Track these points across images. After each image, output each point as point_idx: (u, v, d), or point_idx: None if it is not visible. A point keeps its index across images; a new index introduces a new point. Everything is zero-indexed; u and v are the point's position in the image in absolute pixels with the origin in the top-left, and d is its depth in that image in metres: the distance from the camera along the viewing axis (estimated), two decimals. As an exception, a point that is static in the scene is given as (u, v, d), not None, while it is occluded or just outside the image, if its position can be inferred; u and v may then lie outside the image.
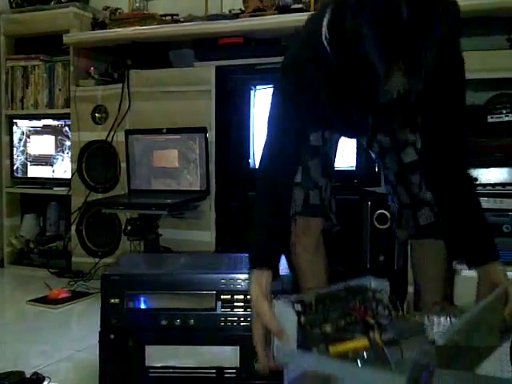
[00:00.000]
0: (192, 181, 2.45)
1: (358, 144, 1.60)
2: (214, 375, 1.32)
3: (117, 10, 2.82)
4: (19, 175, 3.03)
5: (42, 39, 2.90)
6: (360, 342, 0.92)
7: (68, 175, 2.84)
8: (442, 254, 1.55)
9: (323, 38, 1.04)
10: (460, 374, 1.52)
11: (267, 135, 1.23)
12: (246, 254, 1.64)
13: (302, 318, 0.98)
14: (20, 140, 3.02)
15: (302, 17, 1.66)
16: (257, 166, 2.41)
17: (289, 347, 0.97)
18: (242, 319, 1.32)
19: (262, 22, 2.32)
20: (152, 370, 1.33)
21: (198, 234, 2.45)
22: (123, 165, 2.61)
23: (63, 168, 2.92)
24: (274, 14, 2.35)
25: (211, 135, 2.43)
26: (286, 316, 0.99)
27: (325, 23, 1.04)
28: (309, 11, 2.27)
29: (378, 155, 1.56)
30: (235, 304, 1.32)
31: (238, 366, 1.32)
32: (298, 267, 1.53)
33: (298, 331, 0.97)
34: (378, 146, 1.54)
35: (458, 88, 1.26)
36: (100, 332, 1.33)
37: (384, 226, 2.13)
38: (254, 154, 2.44)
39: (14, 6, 2.96)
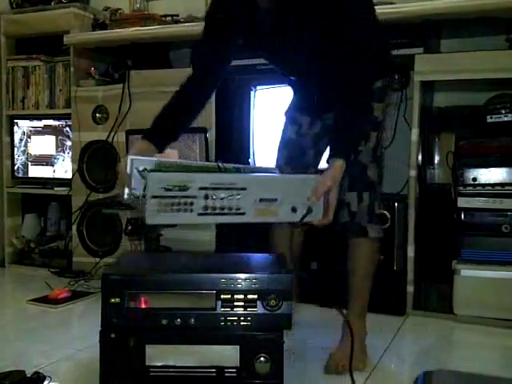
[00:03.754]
0: (192, 181, 2.46)
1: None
2: (214, 374, 1.32)
3: (117, 10, 2.82)
4: (20, 175, 3.04)
5: (43, 40, 2.91)
6: None
7: (69, 175, 2.85)
8: (369, 251, 1.66)
9: None
10: (460, 374, 1.52)
11: None
12: (247, 254, 1.65)
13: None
14: (21, 140, 3.02)
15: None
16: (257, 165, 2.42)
17: (129, 190, 1.32)
18: (242, 319, 1.32)
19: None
20: (152, 369, 1.33)
21: (198, 234, 2.45)
22: (124, 165, 2.61)
23: (64, 168, 2.93)
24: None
25: (211, 135, 2.43)
26: (132, 169, 1.33)
27: None
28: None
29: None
30: (235, 303, 1.32)
31: (238, 365, 1.32)
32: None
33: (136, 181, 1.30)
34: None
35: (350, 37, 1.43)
36: (100, 331, 1.33)
37: (383, 226, 2.13)
38: (254, 153, 2.45)
39: (14, 6, 2.96)
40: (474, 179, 2.05)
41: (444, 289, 2.13)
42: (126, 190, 1.34)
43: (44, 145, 2.97)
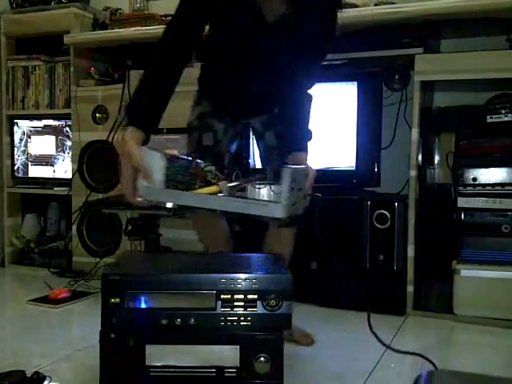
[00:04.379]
0: (192, 181, 2.45)
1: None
2: (214, 374, 1.32)
3: (117, 10, 2.82)
4: (20, 175, 3.04)
5: (43, 39, 2.91)
6: (212, 189, 1.22)
7: (69, 175, 2.85)
8: (293, 240, 1.79)
9: None
10: (460, 374, 1.52)
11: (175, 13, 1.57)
12: (247, 254, 1.65)
13: (167, 166, 1.27)
14: (21, 140, 3.02)
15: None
16: (257, 166, 2.43)
17: (154, 187, 1.27)
18: (242, 319, 1.32)
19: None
20: (152, 369, 1.33)
21: (198, 234, 2.45)
22: (124, 165, 2.61)
23: (64, 168, 2.93)
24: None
25: (211, 135, 2.43)
26: (154, 161, 1.27)
27: None
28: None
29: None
30: (235, 304, 1.32)
31: (238, 365, 1.32)
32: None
33: (164, 175, 1.27)
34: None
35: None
36: (100, 331, 1.33)
37: (383, 226, 2.14)
38: (254, 153, 2.44)
39: (14, 6, 2.96)
40: (474, 179, 2.05)
41: (444, 289, 2.13)
42: (144, 183, 1.29)
43: (44, 145, 2.97)
